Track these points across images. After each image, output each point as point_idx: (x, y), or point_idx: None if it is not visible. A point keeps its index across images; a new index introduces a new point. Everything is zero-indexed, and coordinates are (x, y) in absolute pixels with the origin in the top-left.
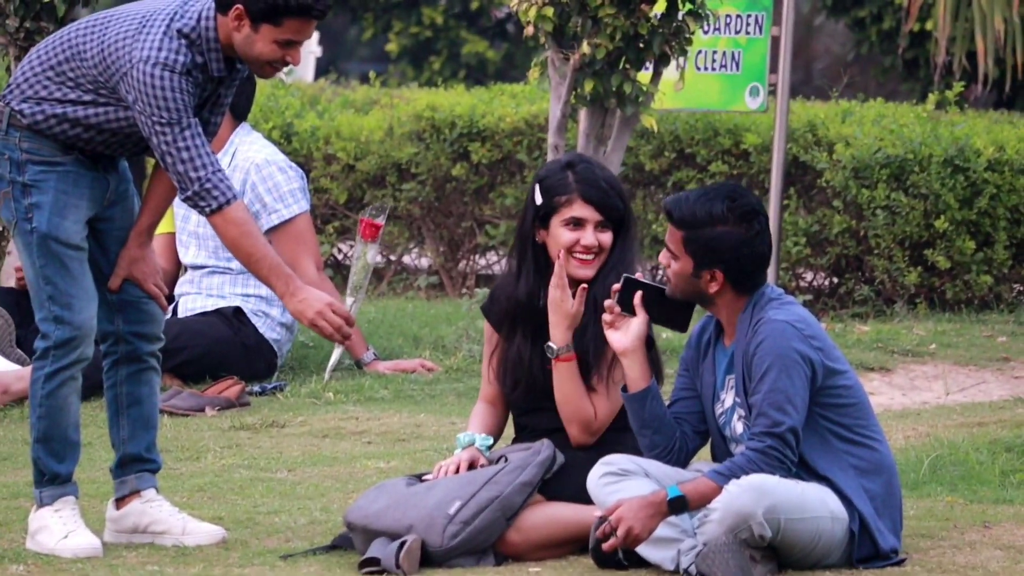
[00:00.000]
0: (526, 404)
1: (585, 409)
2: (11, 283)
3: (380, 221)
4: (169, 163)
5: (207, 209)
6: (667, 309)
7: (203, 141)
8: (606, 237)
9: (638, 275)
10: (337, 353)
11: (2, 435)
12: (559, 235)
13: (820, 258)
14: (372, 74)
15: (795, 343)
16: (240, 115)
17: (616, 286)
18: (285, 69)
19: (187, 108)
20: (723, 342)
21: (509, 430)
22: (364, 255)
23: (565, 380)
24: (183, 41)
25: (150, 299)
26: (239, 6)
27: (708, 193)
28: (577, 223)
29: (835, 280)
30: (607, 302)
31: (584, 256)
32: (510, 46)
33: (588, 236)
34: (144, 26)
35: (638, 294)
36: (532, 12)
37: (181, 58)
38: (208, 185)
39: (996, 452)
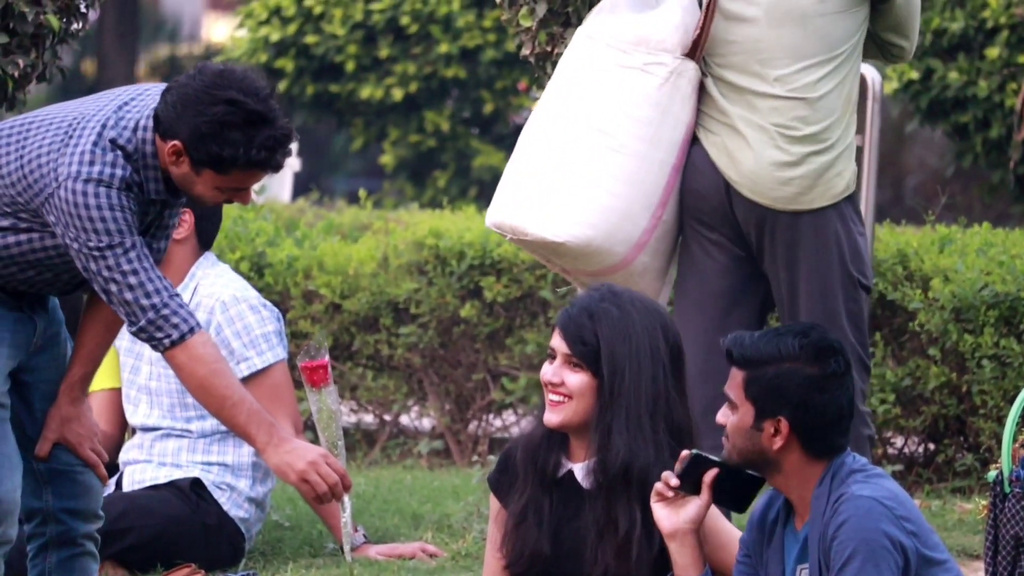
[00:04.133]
0: None
1: None
2: None
3: (323, 358)
4: (114, 292)
5: (166, 342)
6: (730, 488)
7: (152, 263)
8: (574, 379)
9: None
10: (347, 522)
11: None
12: None
13: (913, 419)
14: (363, 192)
15: (884, 526)
16: (205, 242)
17: (685, 453)
18: (256, 187)
19: (129, 227)
20: (793, 524)
21: None
22: (324, 405)
23: None
24: (117, 153)
25: (86, 468)
26: (177, 144)
27: (779, 329)
28: (551, 355)
29: (931, 446)
30: (666, 474)
31: (551, 396)
32: None
33: (551, 370)
34: (71, 135)
35: (710, 473)
36: None
37: (118, 171)
38: (165, 312)
39: None
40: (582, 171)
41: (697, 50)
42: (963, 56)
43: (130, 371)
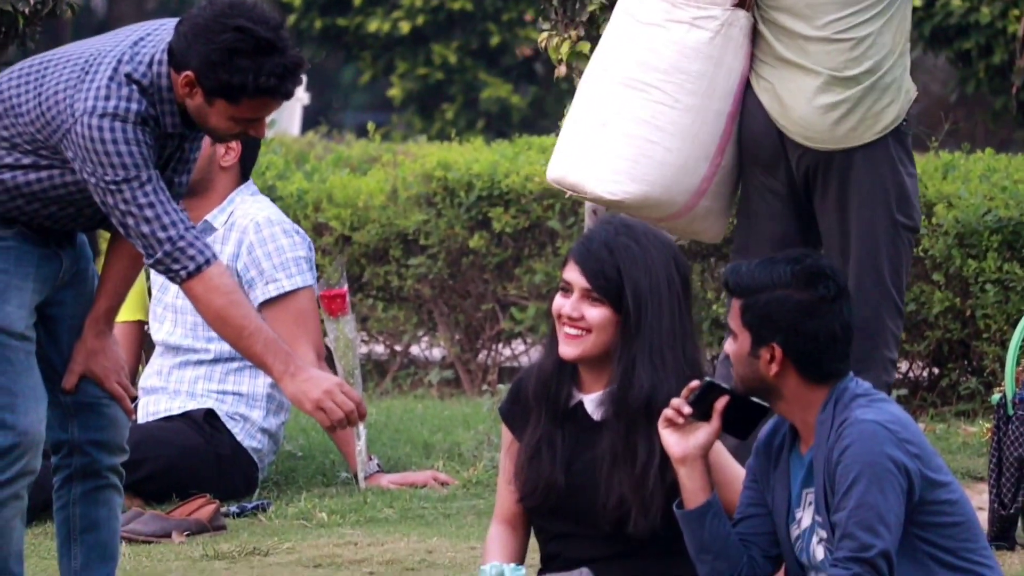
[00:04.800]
0: (554, 526)
1: None
2: None
3: (341, 288)
4: (131, 225)
5: (182, 273)
6: (734, 417)
7: (168, 196)
8: (595, 313)
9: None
10: (361, 449)
11: None
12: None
13: (917, 344)
14: (371, 125)
15: (888, 449)
16: (245, 172)
17: (694, 384)
18: (267, 120)
19: (146, 161)
20: (799, 449)
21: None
22: (341, 334)
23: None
24: (133, 87)
25: (112, 400)
26: (190, 73)
27: (774, 258)
28: (565, 288)
29: (936, 371)
30: (675, 401)
31: (568, 329)
32: (538, 90)
33: (569, 304)
34: (87, 72)
35: (722, 400)
36: (564, 48)
37: (134, 105)
38: (182, 244)
39: None
40: (637, 129)
41: None
42: None
43: (159, 289)
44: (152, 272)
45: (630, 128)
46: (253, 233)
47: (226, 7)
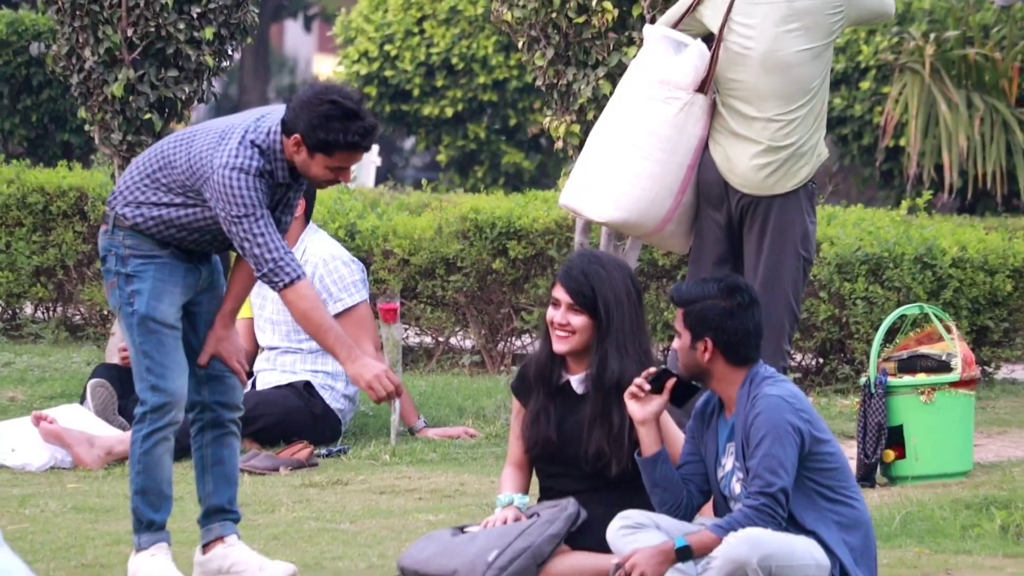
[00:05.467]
0: (549, 468)
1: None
2: (115, 360)
3: (395, 303)
4: (247, 248)
5: (280, 284)
6: (678, 391)
7: (274, 229)
8: (578, 320)
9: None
10: (395, 420)
11: (107, 490)
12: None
13: (808, 341)
14: (424, 181)
15: (787, 415)
16: (308, 217)
17: (652, 370)
18: (352, 173)
19: (260, 203)
20: (724, 415)
21: (533, 489)
22: (391, 336)
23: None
24: (255, 150)
25: (232, 374)
26: (297, 136)
27: (705, 279)
28: (555, 303)
29: (820, 361)
30: (638, 380)
31: (558, 332)
32: (543, 157)
33: (558, 315)
34: (223, 139)
35: (672, 380)
36: (561, 129)
37: (254, 163)
38: (281, 263)
39: (957, 509)
40: (622, 172)
41: (706, 86)
42: (844, 87)
43: (258, 308)
44: (252, 296)
45: (619, 174)
46: (322, 267)
47: (322, 88)
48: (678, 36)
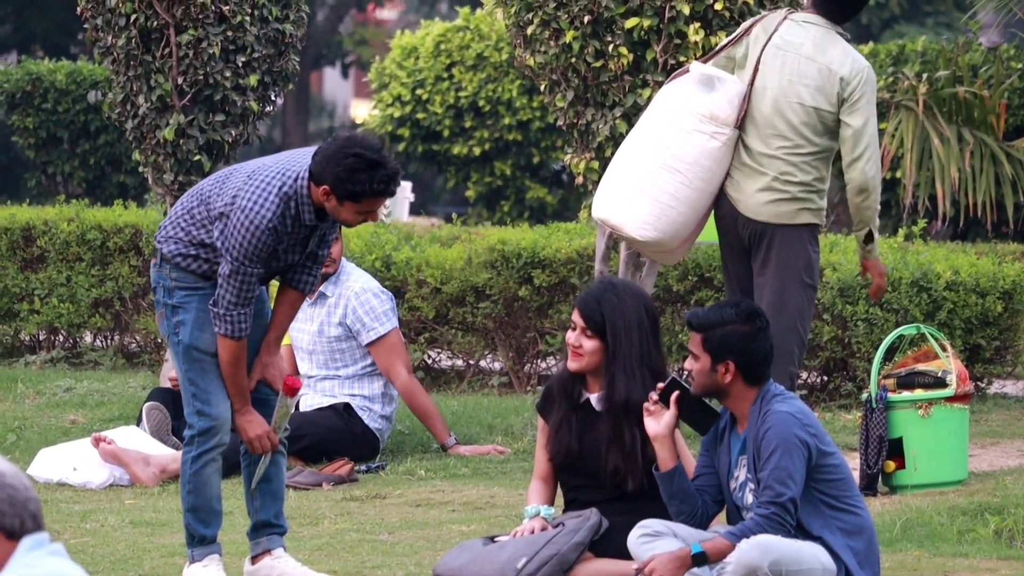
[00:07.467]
0: (572, 480)
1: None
2: (167, 384)
3: (299, 380)
4: (220, 283)
5: (218, 329)
6: (696, 413)
7: (248, 287)
8: (589, 343)
9: (687, 382)
10: (264, 462)
11: (163, 505)
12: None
13: (813, 360)
14: (455, 215)
15: (796, 430)
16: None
17: (661, 384)
18: (385, 212)
19: (257, 258)
20: (737, 430)
21: (559, 501)
22: (285, 405)
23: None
24: (277, 200)
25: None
26: (326, 187)
27: (720, 304)
28: (572, 325)
29: (825, 378)
30: (651, 393)
31: (573, 352)
32: (564, 192)
33: (573, 336)
34: (251, 180)
35: (675, 393)
36: (582, 165)
37: (268, 215)
38: (229, 317)
39: (954, 516)
40: (663, 196)
41: (739, 122)
42: None
43: (295, 340)
44: (292, 331)
45: (660, 196)
46: (354, 299)
47: (344, 141)
48: (718, 72)
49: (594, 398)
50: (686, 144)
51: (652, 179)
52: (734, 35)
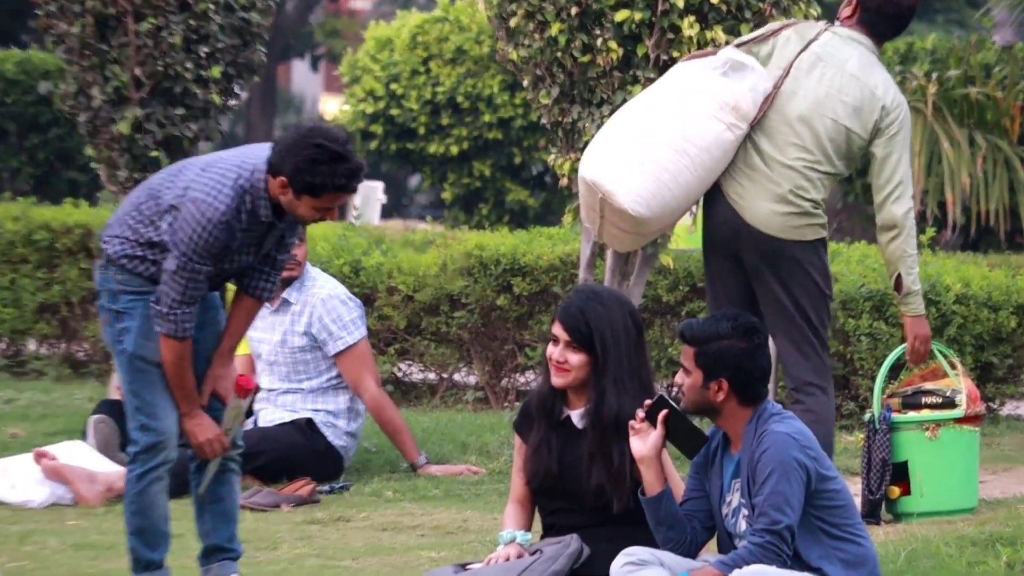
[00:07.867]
0: (551, 504)
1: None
2: (116, 396)
3: (253, 380)
4: (164, 279)
5: (161, 329)
6: (684, 433)
7: (195, 285)
8: (575, 357)
9: (676, 400)
10: (210, 469)
11: (109, 527)
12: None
13: None
14: (429, 218)
15: (794, 452)
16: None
17: (648, 401)
18: (355, 213)
19: (207, 254)
20: (730, 451)
21: (536, 527)
22: (237, 406)
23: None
24: (232, 192)
25: None
26: (283, 178)
27: (715, 316)
28: (554, 339)
29: None
30: (638, 412)
31: (556, 367)
32: (547, 195)
33: (556, 351)
34: (204, 170)
35: (663, 412)
36: (566, 166)
37: (222, 207)
38: (172, 316)
39: (963, 546)
40: (663, 175)
41: (756, 121)
42: None
43: (254, 352)
44: (251, 342)
45: (661, 175)
46: (321, 307)
47: (307, 131)
48: (752, 61)
49: (575, 415)
50: (702, 128)
51: (657, 156)
52: (758, 32)
